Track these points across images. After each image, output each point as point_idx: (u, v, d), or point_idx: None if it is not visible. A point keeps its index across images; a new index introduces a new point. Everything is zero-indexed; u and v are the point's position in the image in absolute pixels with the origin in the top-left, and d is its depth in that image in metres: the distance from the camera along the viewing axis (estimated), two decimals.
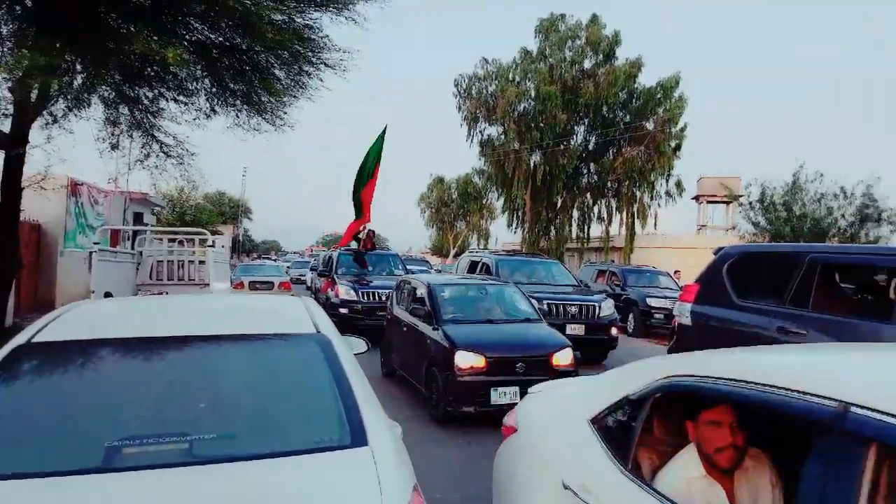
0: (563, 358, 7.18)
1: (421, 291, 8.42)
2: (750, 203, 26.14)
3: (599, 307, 11.69)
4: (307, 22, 9.25)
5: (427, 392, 7.44)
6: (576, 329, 11.06)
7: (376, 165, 15.76)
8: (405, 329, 8.59)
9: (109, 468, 2.08)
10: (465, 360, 6.82)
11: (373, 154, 15.74)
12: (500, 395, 6.77)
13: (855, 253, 6.91)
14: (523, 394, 3.82)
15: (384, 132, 16.43)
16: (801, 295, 5.70)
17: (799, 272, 5.75)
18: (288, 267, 36.32)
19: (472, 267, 14.34)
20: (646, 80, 32.65)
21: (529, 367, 6.94)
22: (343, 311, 12.79)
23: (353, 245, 16.52)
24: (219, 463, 2.14)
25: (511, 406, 3.77)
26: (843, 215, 23.88)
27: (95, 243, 10.20)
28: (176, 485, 2.03)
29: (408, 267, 17.10)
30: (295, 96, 10.65)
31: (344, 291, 13.26)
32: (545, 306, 10.96)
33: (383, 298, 12.21)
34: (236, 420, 2.48)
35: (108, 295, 9.34)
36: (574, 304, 11.63)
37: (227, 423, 2.46)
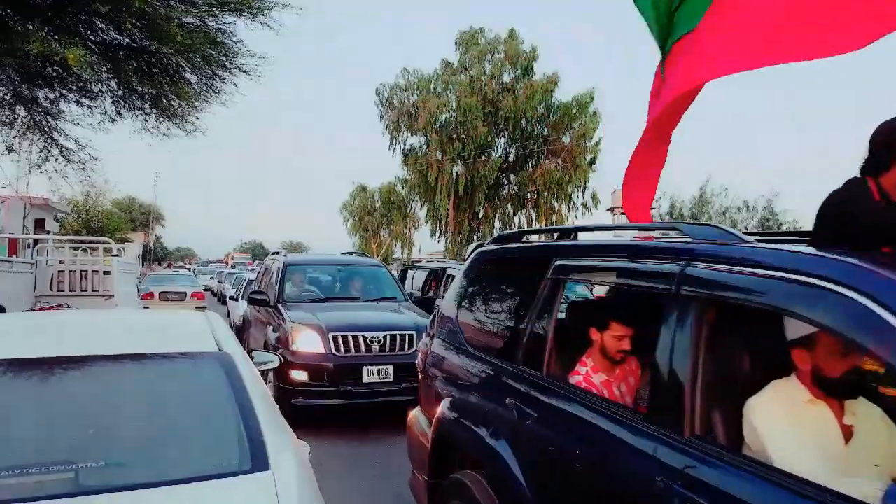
0: None
1: None
2: (660, 215, 27.31)
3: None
4: (220, 26, 9.00)
5: None
6: None
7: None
8: None
9: None
10: None
11: None
12: None
13: None
14: None
15: None
16: None
17: None
18: (216, 280, 33.00)
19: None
20: (562, 95, 33.53)
21: None
22: None
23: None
24: (106, 493, 2.01)
25: None
26: (746, 227, 25.30)
27: None
28: None
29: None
30: (207, 101, 10.35)
31: None
32: None
33: None
34: (128, 446, 2.35)
35: (0, 309, 8.76)
36: None
37: (118, 449, 2.32)
